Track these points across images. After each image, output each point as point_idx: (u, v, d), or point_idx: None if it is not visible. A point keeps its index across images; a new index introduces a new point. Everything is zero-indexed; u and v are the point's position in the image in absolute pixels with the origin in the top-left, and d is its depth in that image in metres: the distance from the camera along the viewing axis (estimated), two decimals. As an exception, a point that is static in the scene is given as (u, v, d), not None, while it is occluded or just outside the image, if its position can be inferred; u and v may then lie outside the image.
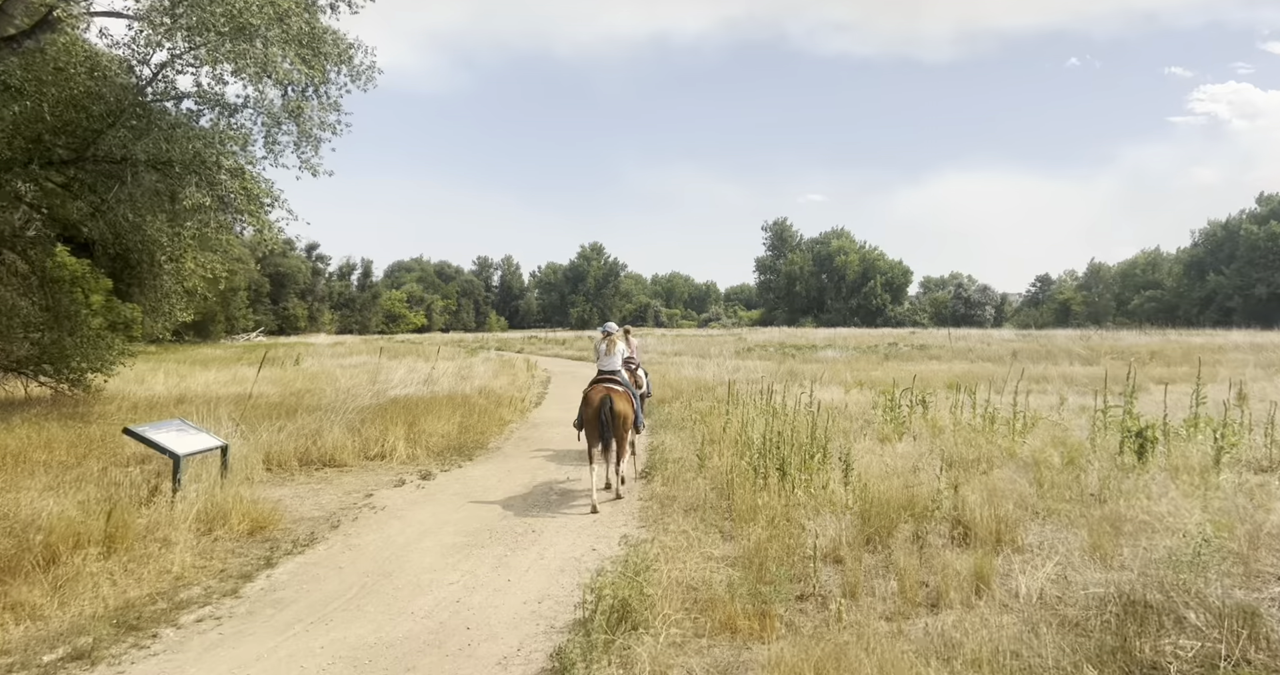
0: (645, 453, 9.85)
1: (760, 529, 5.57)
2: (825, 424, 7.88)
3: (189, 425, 7.00)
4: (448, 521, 6.55)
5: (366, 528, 6.34)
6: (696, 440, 9.99)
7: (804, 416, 9.27)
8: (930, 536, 5.39)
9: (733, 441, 8.80)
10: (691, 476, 7.73)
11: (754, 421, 8.93)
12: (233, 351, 34.92)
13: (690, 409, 12.87)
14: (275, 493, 7.55)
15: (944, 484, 6.10)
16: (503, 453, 10.14)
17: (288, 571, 5.20)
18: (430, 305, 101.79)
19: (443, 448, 10.03)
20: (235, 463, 8.02)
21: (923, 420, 10.30)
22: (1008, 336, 37.79)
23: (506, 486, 7.96)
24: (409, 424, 10.39)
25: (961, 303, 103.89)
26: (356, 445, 9.20)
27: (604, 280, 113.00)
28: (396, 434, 9.58)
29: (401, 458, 9.23)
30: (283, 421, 10.02)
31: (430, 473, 8.54)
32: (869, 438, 9.13)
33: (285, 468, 8.51)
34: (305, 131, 12.98)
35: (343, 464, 8.82)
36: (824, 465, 7.16)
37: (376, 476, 8.42)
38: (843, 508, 6.20)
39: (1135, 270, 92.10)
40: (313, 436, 9.10)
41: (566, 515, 6.79)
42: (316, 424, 9.67)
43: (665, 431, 11.05)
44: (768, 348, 33.61)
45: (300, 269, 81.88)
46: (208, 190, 11.73)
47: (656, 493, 7.36)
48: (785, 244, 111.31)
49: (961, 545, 5.19)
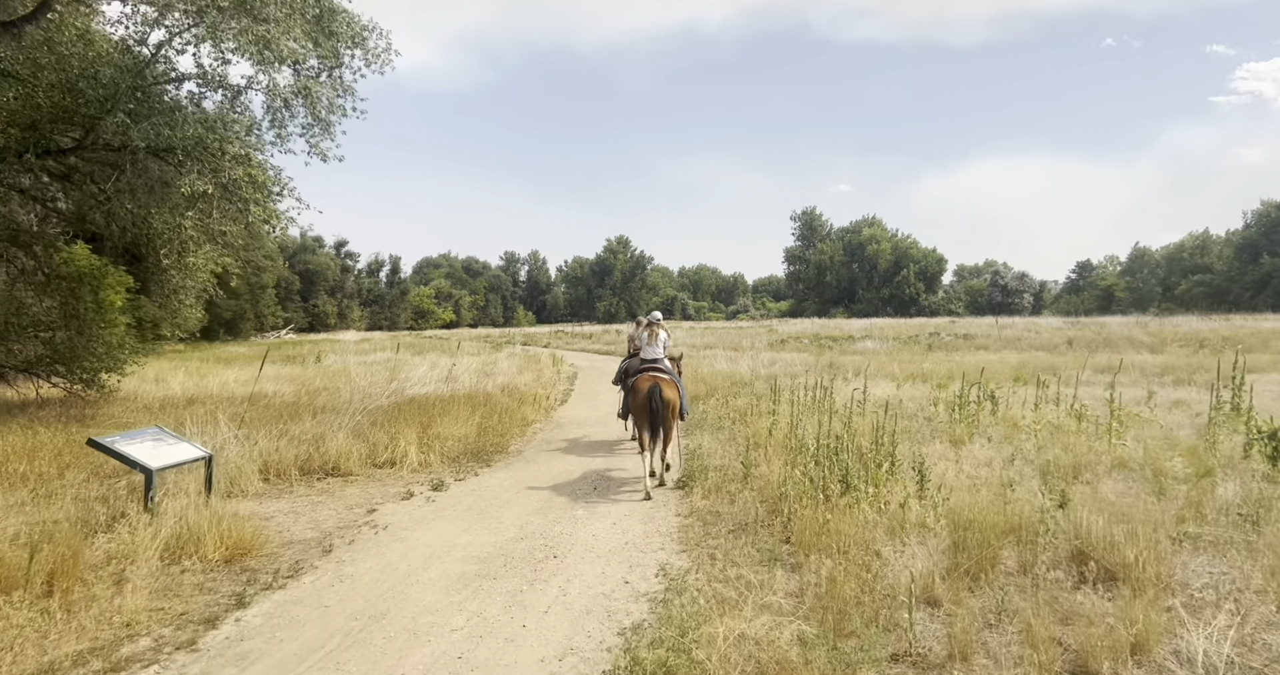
0: (680, 458, 8.89)
1: (829, 560, 4.57)
2: (886, 424, 6.83)
3: (167, 434, 6.19)
4: (456, 544, 5.65)
5: (364, 552, 5.47)
6: (738, 443, 8.99)
7: (860, 415, 8.22)
8: (1045, 570, 4.34)
9: (781, 446, 7.78)
10: (736, 488, 6.74)
11: (804, 422, 7.90)
12: (259, 349, 34.67)
13: (727, 407, 11.86)
14: (269, 507, 6.73)
15: (1048, 500, 5.03)
16: (524, 457, 9.24)
17: (262, 613, 4.33)
18: (458, 301, 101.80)
19: (459, 453, 9.16)
20: (228, 473, 7.24)
21: (993, 417, 9.17)
22: (1055, 324, 35.98)
23: (525, 499, 7.05)
24: (423, 426, 9.55)
25: (998, 291, 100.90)
26: (363, 451, 8.37)
27: (631, 273, 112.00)
28: (408, 438, 8.74)
29: (413, 465, 8.38)
30: (289, 424, 9.25)
31: (442, 482, 7.67)
32: (937, 440, 8.04)
33: (284, 478, 7.70)
34: (315, 114, 12.21)
35: (347, 473, 7.99)
36: (893, 475, 6.13)
37: (383, 487, 7.57)
38: (924, 529, 5.17)
39: (1183, 254, 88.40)
40: (315, 442, 8.29)
41: (594, 536, 5.85)
42: (322, 428, 8.87)
43: (701, 433, 10.06)
44: (801, 339, 32.37)
45: (329, 266, 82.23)
46: (210, 177, 10.99)
47: (697, 508, 6.38)
48: (815, 234, 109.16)
49: (1093, 584, 4.12)
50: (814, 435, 7.17)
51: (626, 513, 6.50)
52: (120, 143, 10.96)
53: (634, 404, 7.43)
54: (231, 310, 52.72)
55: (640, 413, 7.31)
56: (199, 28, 11.09)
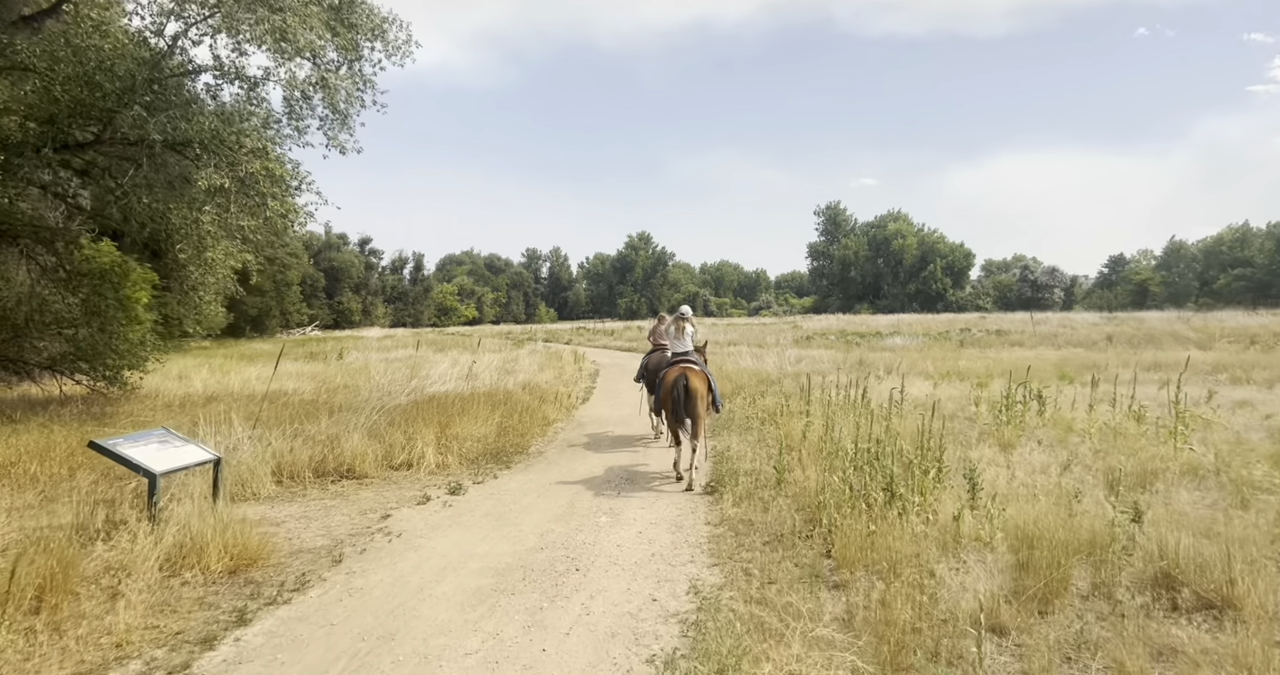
0: (708, 460, 8.49)
1: (879, 580, 4.15)
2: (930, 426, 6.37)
3: (174, 435, 5.93)
4: (473, 554, 5.31)
5: (375, 563, 5.15)
6: (768, 446, 8.58)
7: (898, 416, 7.76)
8: (1127, 595, 3.88)
9: (816, 449, 7.35)
10: (769, 495, 6.33)
11: (840, 424, 7.45)
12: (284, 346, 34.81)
13: (755, 406, 11.43)
14: (281, 512, 6.46)
15: (1120, 512, 4.56)
16: (545, 459, 8.91)
17: (264, 631, 4.02)
18: (481, 298, 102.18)
19: (478, 454, 8.85)
20: (239, 476, 6.99)
21: (1040, 419, 8.64)
22: (1091, 319, 34.91)
23: (546, 504, 6.70)
24: (442, 426, 9.25)
25: (1028, 286, 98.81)
26: (379, 453, 8.08)
27: (652, 270, 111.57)
28: (426, 439, 8.44)
29: (430, 467, 8.08)
30: (305, 424, 9.01)
31: (460, 485, 7.35)
32: (984, 443, 7.55)
33: (297, 480, 7.43)
34: (334, 106, 11.96)
35: (363, 475, 7.70)
36: (940, 483, 5.68)
37: (399, 491, 7.27)
38: (981, 544, 4.72)
39: (1221, 247, 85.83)
40: (331, 443, 8.01)
41: (618, 546, 5.48)
42: (338, 428, 8.60)
43: (729, 434, 9.65)
44: (827, 336, 31.74)
45: (354, 263, 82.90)
46: (227, 171, 10.79)
47: (728, 516, 5.99)
48: (839, 228, 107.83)
49: (1187, 614, 3.65)
50: (852, 438, 6.73)
51: (653, 520, 6.13)
52: (137, 136, 10.80)
53: (662, 394, 7.48)
54: (257, 307, 53.26)
55: (669, 402, 7.30)
56: (215, 18, 10.90)
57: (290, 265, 58.12)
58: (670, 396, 7.26)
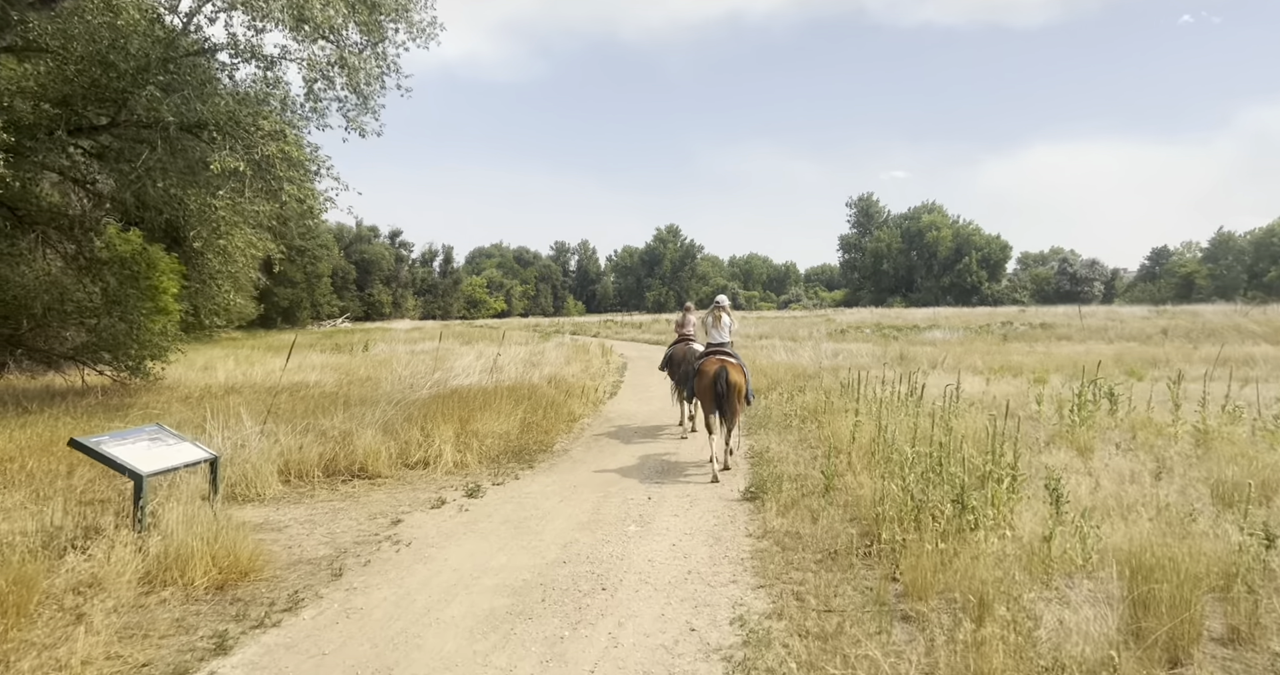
0: (745, 460, 7.85)
1: (964, 615, 3.49)
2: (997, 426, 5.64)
3: (167, 432, 5.47)
4: (488, 568, 4.75)
5: (380, 577, 4.62)
6: (810, 446, 7.91)
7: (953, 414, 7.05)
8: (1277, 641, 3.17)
9: (867, 452, 6.66)
10: (818, 504, 5.67)
11: (891, 423, 6.74)
12: (312, 337, 34.87)
13: (792, 403, 10.74)
14: (285, 515, 5.98)
15: (1250, 536, 3.83)
16: (570, 458, 8.34)
17: (245, 662, 3.50)
18: (509, 290, 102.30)
19: (499, 451, 8.32)
20: (244, 475, 6.53)
21: (1112, 418, 7.84)
22: (1141, 313, 33.37)
23: (570, 509, 6.13)
24: (462, 422, 8.74)
25: (1066, 279, 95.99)
26: (394, 451, 7.58)
27: (680, 263, 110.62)
28: (444, 436, 7.91)
29: (447, 466, 7.55)
30: (321, 418, 8.56)
31: (479, 487, 6.81)
32: (1056, 446, 6.78)
33: (306, 479, 6.96)
34: (354, 87, 11.48)
35: (376, 475, 7.20)
36: (1015, 493, 4.97)
37: (413, 492, 6.75)
38: (1077, 569, 4.03)
39: (1272, 239, 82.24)
40: (343, 440, 7.53)
41: (649, 561, 4.88)
42: (351, 423, 8.12)
43: (766, 433, 8.99)
44: (862, 329, 30.76)
45: (384, 256, 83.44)
46: (243, 154, 10.38)
47: (772, 527, 5.34)
48: (871, 220, 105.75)
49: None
50: (908, 440, 6.05)
51: (687, 529, 5.51)
52: (151, 118, 10.44)
53: (700, 386, 7.44)
54: (288, 298, 53.69)
55: (707, 395, 7.28)
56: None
57: (321, 257, 58.44)
58: (712, 389, 7.19)
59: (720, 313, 8.00)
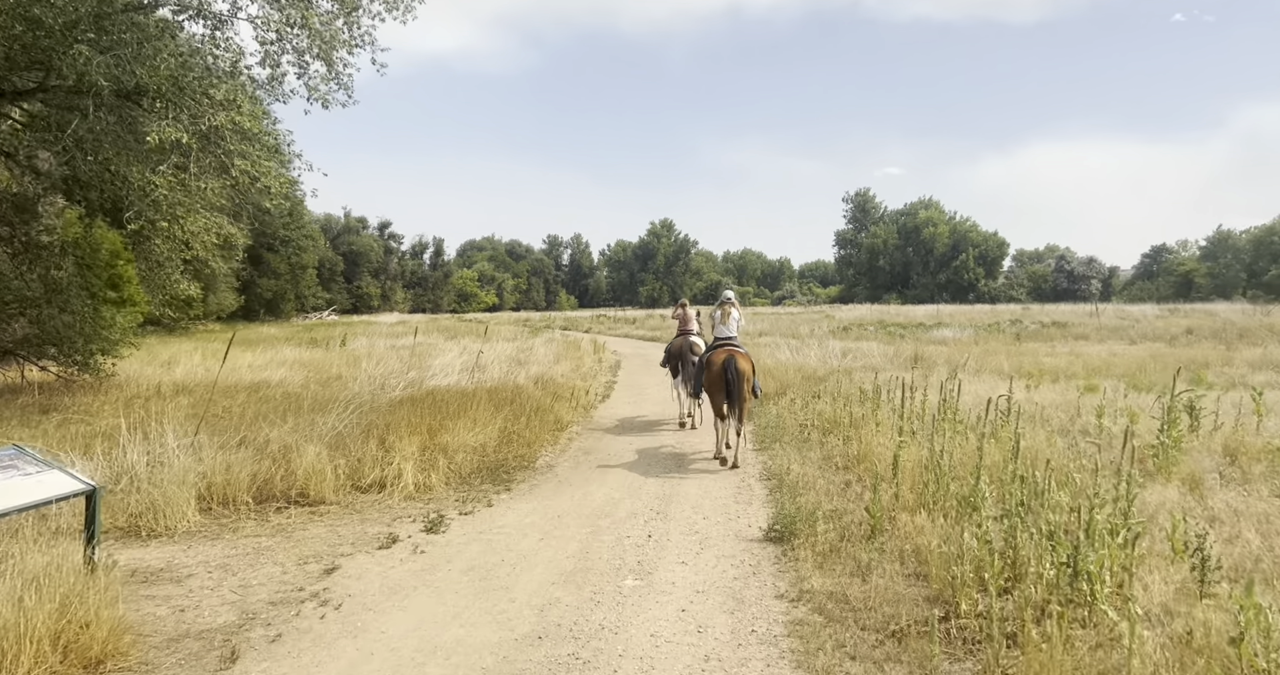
0: (760, 481, 6.68)
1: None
2: (1074, 449, 4.48)
3: (29, 455, 4.23)
4: (438, 647, 3.55)
5: (288, 664, 3.42)
6: (838, 467, 6.74)
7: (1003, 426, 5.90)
8: None
9: (915, 479, 5.49)
10: (865, 552, 4.49)
11: (937, 438, 5.57)
12: (292, 331, 33.52)
13: (808, 411, 9.57)
14: (190, 558, 4.76)
15: None
16: (555, 476, 7.14)
17: None
18: (501, 284, 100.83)
19: (472, 469, 7.11)
20: (151, 504, 5.31)
21: (1194, 436, 6.69)
22: (1151, 311, 32.34)
23: (551, 551, 4.93)
24: (431, 432, 7.54)
25: (1064, 276, 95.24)
26: (344, 469, 6.36)
27: (674, 258, 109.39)
28: (406, 451, 6.70)
29: (408, 489, 6.33)
30: (266, 426, 7.33)
31: (442, 517, 5.61)
32: (1149, 477, 5.60)
33: (232, 507, 5.74)
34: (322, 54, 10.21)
35: (318, 501, 5.98)
36: (1130, 550, 3.80)
37: (361, 524, 5.54)
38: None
39: (1272, 237, 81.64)
40: (284, 456, 6.30)
41: (652, 635, 3.69)
42: (299, 435, 6.89)
43: (782, 448, 7.81)
44: (865, 326, 29.65)
45: (372, 247, 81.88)
46: (187, 124, 9.10)
47: (811, 587, 4.15)
48: (868, 216, 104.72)
49: None
50: (973, 467, 4.88)
51: (700, 585, 4.33)
52: (82, 83, 9.15)
53: (709, 377, 7.59)
54: (272, 290, 52.21)
55: (716, 384, 7.44)
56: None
57: (306, 248, 56.96)
58: (722, 377, 7.33)
59: (729, 308, 8.23)
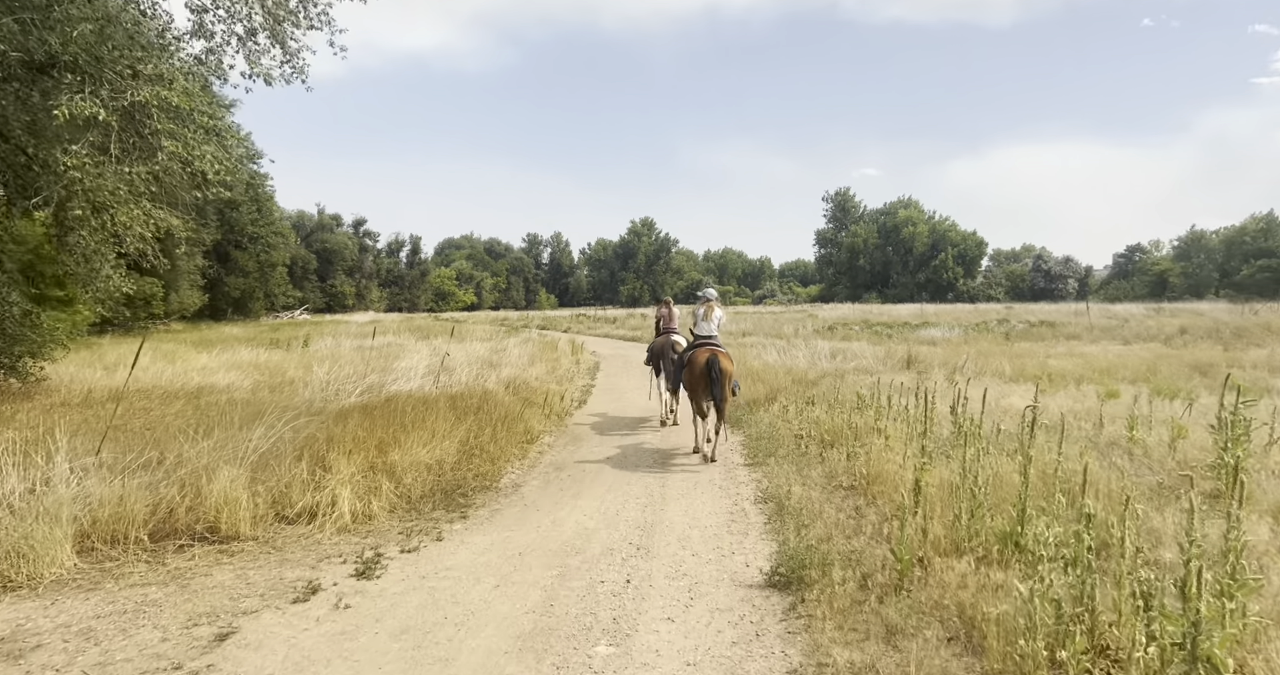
0: (755, 505, 5.80)
1: None
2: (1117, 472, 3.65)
3: None
4: (341, 764, 2.62)
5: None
6: (845, 488, 5.89)
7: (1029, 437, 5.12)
8: None
9: (944, 509, 4.64)
10: (894, 609, 3.62)
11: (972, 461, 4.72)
12: (257, 331, 32.11)
13: (803, 419, 8.73)
14: (53, 618, 3.77)
15: None
16: (520, 499, 6.21)
17: None
18: (480, 283, 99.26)
19: (424, 492, 6.15)
20: (12, 547, 4.31)
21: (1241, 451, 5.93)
22: (1137, 311, 32.00)
23: (508, 603, 4.01)
24: (381, 447, 6.57)
25: (1041, 276, 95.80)
26: (267, 496, 5.37)
27: (655, 257, 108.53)
28: (343, 473, 5.71)
29: (343, 519, 5.35)
30: (187, 442, 6.30)
31: (379, 556, 4.66)
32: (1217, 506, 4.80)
33: (121, 546, 4.73)
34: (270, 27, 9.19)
35: (232, 536, 4.99)
36: (1242, 618, 2.97)
37: (277, 567, 4.57)
38: None
39: (1244, 237, 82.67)
40: (191, 482, 5.30)
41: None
42: (221, 453, 5.88)
43: (778, 464, 6.94)
44: (850, 326, 28.99)
45: (347, 245, 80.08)
46: (107, 98, 8.02)
47: (832, 660, 3.26)
48: (848, 215, 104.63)
49: None
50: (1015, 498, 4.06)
51: (691, 655, 3.43)
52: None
53: (691, 375, 7.62)
54: (240, 288, 50.51)
55: (699, 383, 7.50)
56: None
57: (276, 245, 55.19)
58: (705, 376, 7.38)
59: (712, 306, 8.30)
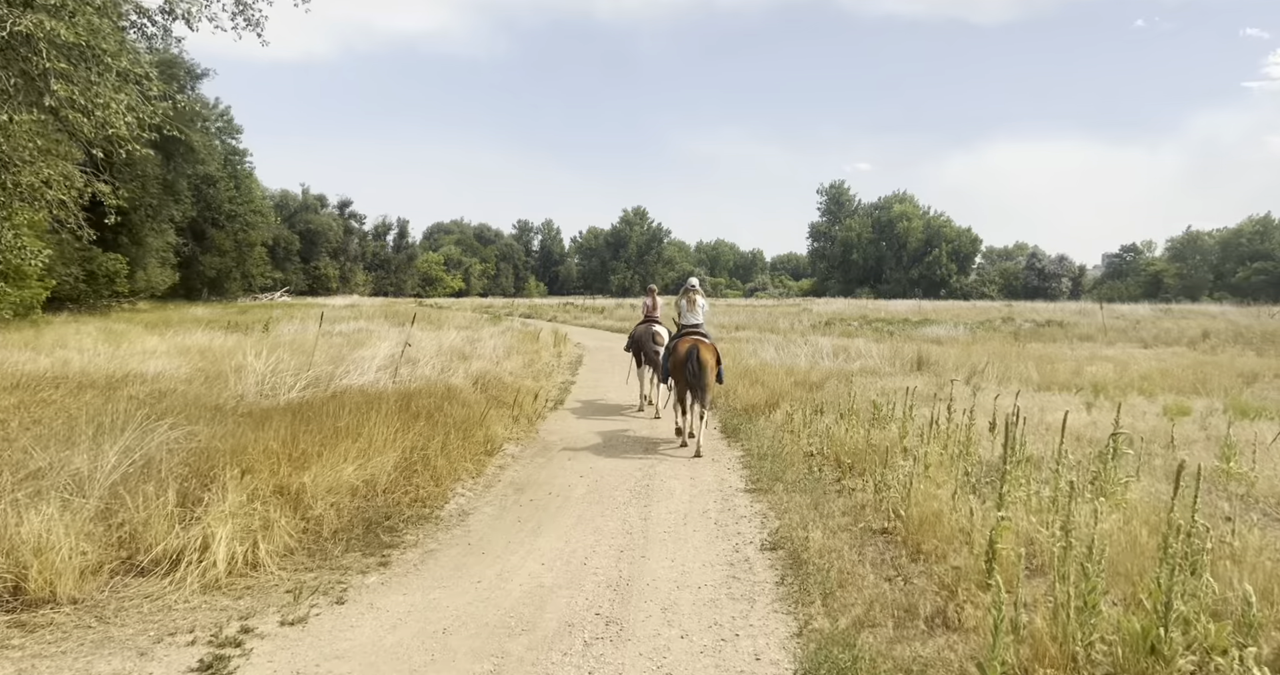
0: (763, 553, 4.51)
1: None
2: None
3: None
4: None
5: None
6: (876, 532, 4.60)
7: (1115, 469, 3.84)
8: None
9: (1034, 588, 3.34)
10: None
11: (1076, 513, 3.45)
12: (225, 312, 30.47)
13: (812, 433, 7.44)
14: None
15: None
16: (465, 534, 4.88)
17: None
18: (468, 269, 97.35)
19: (341, 524, 4.80)
20: None
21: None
22: (1146, 312, 31.03)
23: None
24: (296, 462, 5.22)
25: (1035, 274, 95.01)
26: (108, 540, 4.00)
27: (646, 246, 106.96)
28: (225, 505, 4.35)
29: (216, 569, 3.99)
30: (36, 454, 4.92)
31: (246, 633, 3.33)
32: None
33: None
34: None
35: (46, 598, 3.62)
36: None
37: (89, 656, 3.21)
38: None
39: (1240, 239, 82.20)
40: (17, 515, 3.92)
41: None
42: (61, 475, 4.51)
43: (788, 493, 5.64)
44: (847, 322, 27.78)
45: (332, 227, 78.04)
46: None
47: None
48: (842, 209, 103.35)
49: None
50: (1152, 585, 2.77)
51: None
52: None
53: (673, 365, 7.60)
54: (215, 268, 48.66)
55: (679, 373, 7.43)
56: None
57: (255, 224, 53.29)
58: (684, 368, 7.33)
59: (695, 295, 8.21)
